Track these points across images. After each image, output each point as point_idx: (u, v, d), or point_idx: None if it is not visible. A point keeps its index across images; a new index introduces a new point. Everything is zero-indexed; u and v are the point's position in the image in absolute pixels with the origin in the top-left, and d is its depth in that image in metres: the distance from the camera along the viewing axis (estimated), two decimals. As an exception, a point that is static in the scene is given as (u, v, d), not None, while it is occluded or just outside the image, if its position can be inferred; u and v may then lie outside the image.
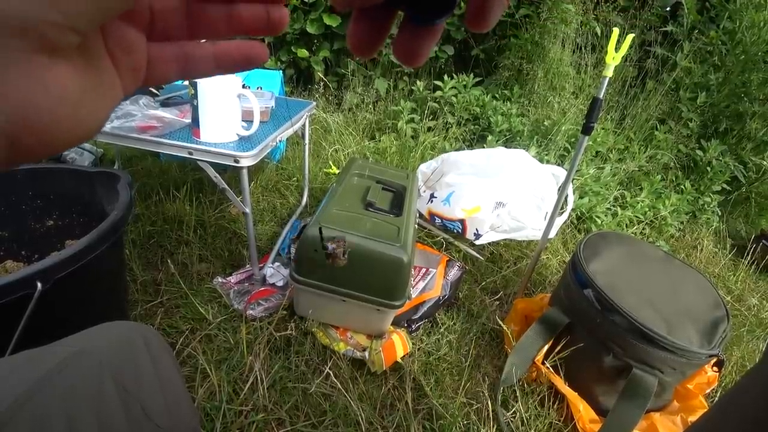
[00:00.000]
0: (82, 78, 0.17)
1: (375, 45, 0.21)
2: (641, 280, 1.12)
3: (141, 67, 0.20)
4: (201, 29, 0.22)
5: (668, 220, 2.14)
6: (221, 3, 0.21)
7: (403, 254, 0.98)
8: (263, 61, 0.24)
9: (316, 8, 2.47)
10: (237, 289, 1.24)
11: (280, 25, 0.22)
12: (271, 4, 0.22)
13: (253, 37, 0.24)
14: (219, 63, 0.22)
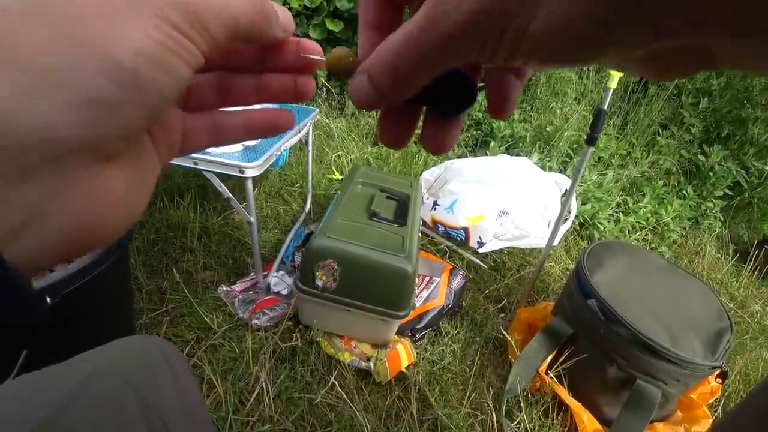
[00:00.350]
0: (131, 172, 0.18)
1: (405, 138, 0.22)
2: (644, 289, 1.13)
3: (177, 141, 0.21)
4: (232, 99, 0.23)
5: (671, 226, 2.14)
6: (251, 74, 0.22)
7: (408, 265, 0.99)
8: (290, 127, 0.25)
9: (318, 13, 2.48)
10: (241, 297, 1.24)
11: (307, 94, 0.23)
12: (299, 74, 0.22)
13: None
14: (248, 131, 0.23)
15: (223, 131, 0.23)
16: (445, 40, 0.16)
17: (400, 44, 0.17)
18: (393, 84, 0.18)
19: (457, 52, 0.16)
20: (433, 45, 0.16)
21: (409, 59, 0.17)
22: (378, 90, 0.18)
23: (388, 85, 0.18)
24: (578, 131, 2.42)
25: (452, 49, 0.16)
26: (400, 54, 0.17)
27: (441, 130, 0.22)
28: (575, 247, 1.82)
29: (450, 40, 0.15)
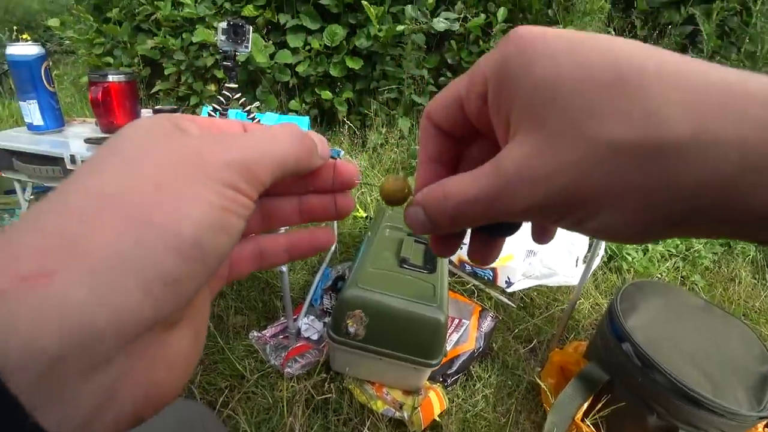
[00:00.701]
0: (192, 328, 0.18)
1: (454, 250, 0.24)
2: (681, 333, 1.10)
3: (225, 274, 0.22)
4: (275, 222, 0.24)
5: (702, 253, 2.08)
6: (292, 196, 0.24)
7: (440, 314, 0.99)
8: (331, 245, 0.26)
9: (338, 51, 2.55)
10: (272, 343, 1.26)
11: (347, 211, 0.24)
12: (338, 192, 0.24)
13: None
14: (291, 254, 0.24)
15: (266, 256, 0.23)
16: (509, 213, 0.17)
17: (462, 201, 0.18)
18: (450, 225, 0.19)
19: (520, 219, 0.18)
20: (496, 213, 0.17)
21: (469, 216, 0.18)
22: (434, 225, 0.20)
23: (444, 224, 0.19)
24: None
25: (515, 218, 0.17)
26: (460, 209, 0.18)
27: (487, 248, 0.23)
28: (604, 282, 1.79)
29: (514, 214, 0.17)
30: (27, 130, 1.12)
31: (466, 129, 0.21)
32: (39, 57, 1.06)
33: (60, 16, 3.48)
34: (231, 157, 0.16)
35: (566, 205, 0.15)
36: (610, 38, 0.16)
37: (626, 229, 0.15)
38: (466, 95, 0.20)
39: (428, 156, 0.23)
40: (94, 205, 0.14)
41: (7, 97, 3.89)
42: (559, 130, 0.15)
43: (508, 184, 0.16)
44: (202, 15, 2.65)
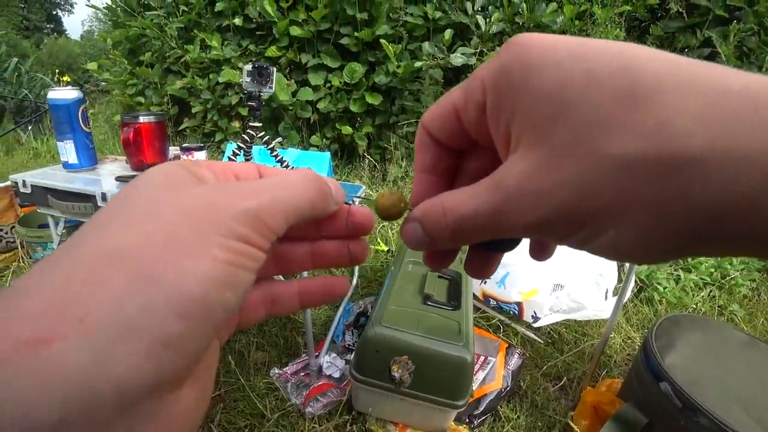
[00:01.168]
0: (198, 384, 0.17)
1: (449, 263, 0.23)
2: (725, 372, 1.03)
3: (236, 322, 0.21)
4: (288, 267, 0.23)
5: (738, 280, 1.98)
6: (305, 241, 0.23)
7: (466, 353, 0.96)
8: (345, 294, 0.25)
9: (358, 88, 2.63)
10: (294, 381, 1.24)
11: (361, 258, 0.23)
12: (352, 239, 0.23)
13: None
14: (303, 301, 0.23)
15: (278, 302, 0.22)
16: (510, 229, 0.16)
17: (462, 216, 0.17)
18: (450, 241, 0.19)
19: (522, 236, 0.17)
20: (498, 229, 0.17)
21: (469, 232, 0.18)
22: (433, 240, 0.19)
23: (445, 240, 0.19)
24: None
25: (517, 234, 0.17)
26: (460, 224, 0.18)
27: (485, 263, 0.22)
28: (636, 314, 1.71)
29: (516, 231, 0.16)
30: (62, 168, 1.17)
31: (463, 140, 0.20)
32: (77, 100, 1.11)
33: (98, 59, 3.72)
34: (242, 207, 0.16)
35: (572, 222, 0.15)
36: (619, 43, 0.15)
37: (636, 248, 0.14)
38: (464, 105, 0.19)
39: (424, 167, 0.22)
40: (96, 264, 0.13)
41: (45, 134, 4.12)
42: (565, 144, 0.14)
43: (510, 200, 0.16)
44: (228, 56, 2.78)
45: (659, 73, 0.13)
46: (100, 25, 7.85)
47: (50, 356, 0.12)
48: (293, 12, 2.67)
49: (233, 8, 2.82)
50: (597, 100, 0.14)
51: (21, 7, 18.62)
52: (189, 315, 0.14)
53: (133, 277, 0.13)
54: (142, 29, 3.04)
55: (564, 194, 0.14)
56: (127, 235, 0.14)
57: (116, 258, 0.13)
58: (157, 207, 0.15)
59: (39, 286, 0.13)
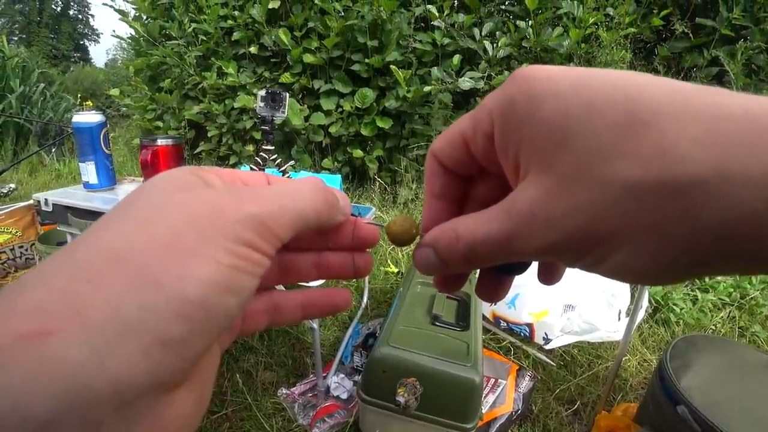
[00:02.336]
0: (197, 386, 0.17)
1: (459, 287, 0.24)
2: (746, 394, 1.00)
3: (238, 327, 0.22)
4: (292, 276, 0.23)
5: (759, 300, 1.92)
6: (311, 252, 0.23)
7: (474, 375, 0.95)
8: (347, 307, 0.25)
9: (369, 112, 2.68)
10: (301, 401, 1.23)
11: (365, 271, 0.23)
12: (357, 251, 0.23)
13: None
14: (306, 311, 0.23)
15: (281, 311, 0.23)
16: (522, 253, 0.17)
17: (474, 241, 0.18)
18: (463, 266, 0.19)
19: (533, 259, 0.17)
20: (509, 253, 0.17)
21: (481, 257, 0.18)
22: (445, 265, 0.19)
23: (457, 265, 0.19)
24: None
25: (528, 258, 0.17)
26: (473, 249, 0.18)
27: (496, 286, 0.23)
28: (651, 336, 1.67)
29: (527, 255, 0.17)
30: (83, 188, 1.21)
31: (471, 167, 0.21)
32: (100, 124, 1.17)
33: (120, 86, 3.87)
34: (248, 212, 0.16)
35: (582, 246, 0.15)
36: (619, 73, 0.15)
37: (645, 270, 0.15)
38: (472, 135, 0.19)
39: (434, 193, 0.22)
40: (100, 263, 0.14)
41: (67, 156, 4.26)
42: (570, 172, 0.15)
43: (521, 225, 0.16)
44: (243, 83, 2.88)
45: (659, 100, 0.14)
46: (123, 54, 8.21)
47: (49, 350, 0.12)
48: (306, 40, 2.77)
49: (249, 37, 2.93)
50: (599, 129, 0.14)
51: (51, 37, 19.57)
52: (189, 317, 0.14)
53: (136, 279, 0.13)
54: (162, 57, 3.17)
55: (573, 219, 0.15)
56: (132, 237, 0.14)
57: (120, 258, 0.14)
58: (162, 210, 0.15)
59: (42, 280, 0.13)
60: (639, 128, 0.14)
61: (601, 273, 0.16)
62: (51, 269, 0.14)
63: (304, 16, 2.75)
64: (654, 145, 0.13)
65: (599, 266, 0.16)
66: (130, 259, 0.14)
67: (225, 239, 0.15)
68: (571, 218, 0.15)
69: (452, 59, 2.50)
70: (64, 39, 20.48)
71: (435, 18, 2.55)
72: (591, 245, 0.15)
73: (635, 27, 2.57)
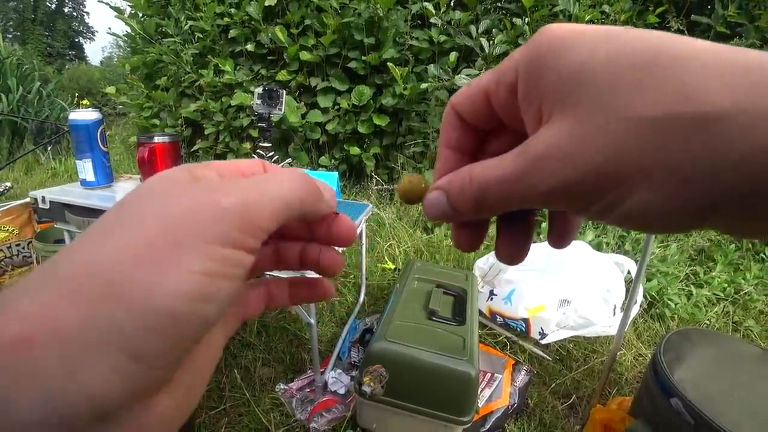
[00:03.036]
0: (184, 384, 0.17)
1: (477, 244, 0.23)
2: (740, 387, 1.01)
3: (241, 314, 0.22)
4: (282, 264, 0.24)
5: (753, 295, 1.94)
6: (299, 241, 0.23)
7: (470, 368, 0.96)
8: (328, 298, 0.25)
9: (366, 110, 2.69)
10: (299, 397, 1.24)
11: (329, 269, 0.23)
12: (333, 245, 0.23)
13: None
14: (293, 299, 0.24)
15: (273, 299, 0.23)
16: (533, 194, 0.16)
17: (488, 182, 0.18)
18: (473, 210, 0.19)
19: (544, 204, 0.17)
20: (521, 195, 0.17)
21: (493, 198, 0.18)
22: (455, 210, 0.19)
23: (468, 209, 0.19)
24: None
25: (539, 201, 0.17)
26: (485, 191, 0.18)
27: (515, 245, 0.22)
28: (646, 330, 1.68)
29: (539, 196, 0.16)
30: (80, 185, 1.21)
31: (490, 121, 0.21)
32: (96, 121, 1.17)
33: (117, 84, 3.86)
34: (225, 206, 0.15)
35: (597, 187, 0.15)
36: (644, 30, 0.15)
37: (660, 211, 0.14)
38: (495, 86, 0.19)
39: (449, 144, 0.22)
40: (75, 276, 0.14)
41: (64, 154, 4.25)
42: (592, 110, 0.15)
43: (536, 164, 0.16)
44: (240, 81, 2.87)
45: (681, 48, 0.14)
46: (119, 52, 8.17)
47: (28, 360, 0.12)
48: (303, 38, 2.76)
49: (246, 35, 2.93)
50: (621, 71, 0.14)
51: (46, 35, 19.44)
52: (158, 330, 0.14)
53: (103, 293, 0.13)
54: (159, 55, 3.16)
55: (591, 158, 0.15)
56: (106, 249, 0.14)
57: (92, 272, 0.14)
58: (139, 217, 0.15)
59: (29, 291, 0.14)
60: (661, 69, 0.14)
61: (611, 219, 0.16)
62: (37, 280, 0.14)
63: (301, 14, 2.74)
64: (676, 83, 0.14)
65: (611, 211, 0.15)
66: (100, 272, 0.14)
67: (200, 242, 0.15)
68: (588, 156, 0.15)
69: (449, 56, 2.50)
70: (59, 37, 20.35)
71: (432, 15, 2.56)
72: (607, 186, 0.15)
73: (631, 24, 2.58)
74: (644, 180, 0.14)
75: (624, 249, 2.17)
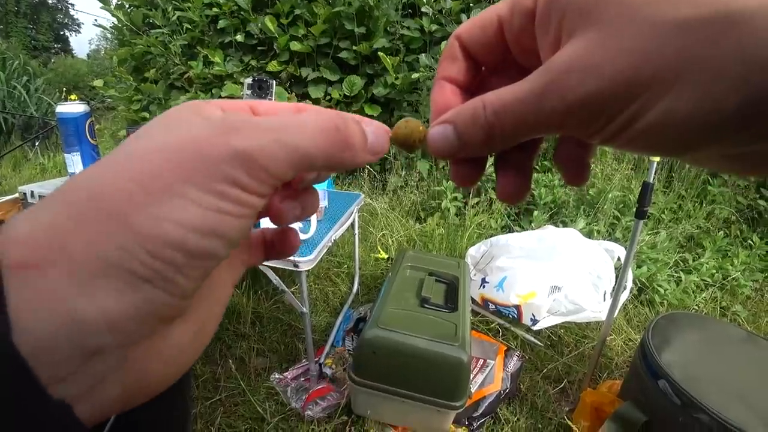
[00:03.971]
0: (198, 316, 0.17)
1: (476, 179, 0.22)
2: (725, 369, 1.03)
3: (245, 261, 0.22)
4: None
5: (741, 281, 1.98)
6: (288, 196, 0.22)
7: (462, 354, 0.97)
8: (292, 254, 0.24)
9: (357, 100, 2.67)
10: (294, 385, 1.25)
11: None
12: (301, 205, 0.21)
13: None
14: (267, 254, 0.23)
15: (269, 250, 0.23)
16: (555, 113, 0.16)
17: (504, 105, 0.17)
18: (484, 140, 0.18)
19: (561, 126, 0.16)
20: (541, 115, 0.16)
21: (509, 124, 0.17)
22: (463, 143, 0.18)
23: (478, 140, 0.18)
24: (623, 191, 2.37)
25: (557, 122, 0.16)
26: (501, 115, 0.17)
27: (517, 182, 0.21)
28: (636, 316, 1.71)
29: (560, 115, 0.16)
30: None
31: (495, 54, 0.20)
32: (84, 114, 1.16)
33: (104, 77, 3.80)
34: (234, 147, 0.15)
35: (625, 93, 0.14)
36: None
37: (685, 117, 0.14)
38: (509, 15, 0.19)
39: (447, 76, 0.21)
40: (80, 201, 0.14)
41: (52, 150, 4.20)
42: (619, 20, 0.14)
43: (561, 75, 0.15)
44: (230, 72, 2.84)
45: None
46: (106, 44, 8.04)
47: (37, 281, 0.12)
48: (293, 28, 2.74)
49: (235, 25, 2.89)
50: None
51: (30, 28, 19.04)
52: (169, 259, 0.14)
53: (111, 220, 0.13)
54: (147, 47, 3.12)
55: (621, 62, 0.14)
56: (113, 176, 0.14)
57: (97, 197, 0.14)
58: (147, 148, 0.15)
59: (32, 216, 0.14)
60: None
61: (628, 137, 0.15)
62: (41, 205, 0.14)
63: (291, 3, 2.71)
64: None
65: (631, 126, 0.15)
66: (106, 198, 0.14)
67: (208, 179, 0.14)
68: (617, 64, 0.14)
69: (440, 46, 2.49)
70: (44, 29, 19.93)
71: (423, 4, 2.54)
72: (635, 92, 0.14)
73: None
74: (673, 83, 0.14)
75: (614, 236, 2.19)
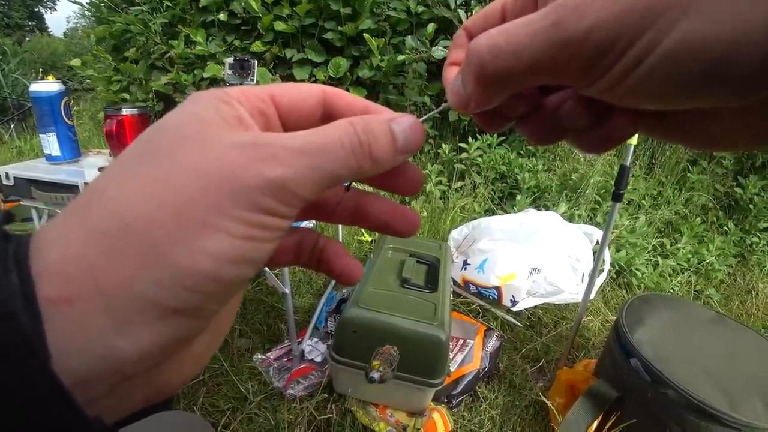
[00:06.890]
0: (209, 334, 0.18)
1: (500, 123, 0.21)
2: (694, 347, 1.07)
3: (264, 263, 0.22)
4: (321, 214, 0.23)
5: (715, 266, 2.04)
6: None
7: (441, 333, 0.99)
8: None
9: (342, 83, 2.64)
10: (276, 366, 1.26)
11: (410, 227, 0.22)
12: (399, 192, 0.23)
13: None
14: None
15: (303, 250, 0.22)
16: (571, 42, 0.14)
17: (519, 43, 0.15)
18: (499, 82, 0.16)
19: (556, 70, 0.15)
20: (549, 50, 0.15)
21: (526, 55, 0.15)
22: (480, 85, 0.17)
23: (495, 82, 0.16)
24: (605, 177, 2.40)
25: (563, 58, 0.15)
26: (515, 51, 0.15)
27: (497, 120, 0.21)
28: (614, 299, 1.76)
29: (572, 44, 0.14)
30: (45, 160, 1.18)
31: None
32: (59, 93, 1.12)
33: (82, 56, 3.68)
34: (266, 177, 0.15)
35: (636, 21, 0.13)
36: None
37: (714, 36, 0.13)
38: (512, 2, 0.19)
39: (455, 60, 0.22)
40: (111, 232, 0.14)
41: (29, 133, 4.08)
42: None
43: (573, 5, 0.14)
44: (213, 52, 2.78)
45: None
46: (84, 22, 7.77)
47: (72, 315, 0.13)
48: (277, 7, 2.68)
49: (218, 4, 2.82)
50: None
51: (2, 4, 18.27)
52: (203, 291, 0.14)
53: (146, 253, 0.14)
54: (126, 25, 3.02)
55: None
56: (141, 203, 0.14)
57: (129, 228, 0.14)
58: (172, 167, 0.15)
59: (59, 241, 0.14)
60: None
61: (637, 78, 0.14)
62: (67, 229, 0.14)
63: (274, -18, 2.65)
64: None
65: (642, 62, 0.14)
66: (139, 230, 0.14)
67: (239, 208, 0.14)
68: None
69: (426, 28, 2.47)
70: (17, 6, 19.10)
71: (409, -15, 2.50)
72: (648, 19, 0.13)
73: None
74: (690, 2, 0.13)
75: (595, 221, 2.23)
